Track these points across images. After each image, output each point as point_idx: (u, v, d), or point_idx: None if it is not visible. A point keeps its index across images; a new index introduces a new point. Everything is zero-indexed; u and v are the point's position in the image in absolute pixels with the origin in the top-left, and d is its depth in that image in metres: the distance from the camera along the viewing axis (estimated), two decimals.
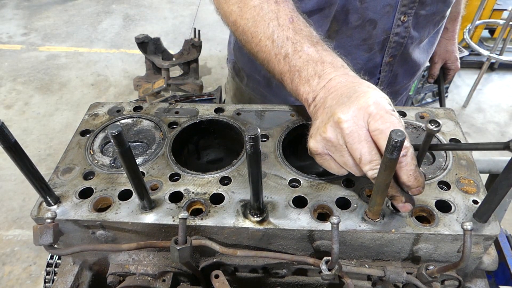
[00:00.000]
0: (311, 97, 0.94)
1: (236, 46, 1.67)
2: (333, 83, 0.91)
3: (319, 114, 0.90)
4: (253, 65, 1.62)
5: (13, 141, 0.77)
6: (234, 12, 1.08)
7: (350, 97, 0.82)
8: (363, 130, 0.78)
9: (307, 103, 0.96)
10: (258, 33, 1.03)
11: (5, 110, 4.73)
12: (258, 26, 1.03)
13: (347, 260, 0.94)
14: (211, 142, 1.27)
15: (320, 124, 0.86)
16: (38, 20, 6.65)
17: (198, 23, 6.32)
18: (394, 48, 1.40)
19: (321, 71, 0.94)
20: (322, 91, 0.91)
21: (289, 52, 0.98)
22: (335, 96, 0.87)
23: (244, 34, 1.08)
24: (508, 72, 5.33)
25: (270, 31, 1.01)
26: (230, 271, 0.99)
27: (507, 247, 1.14)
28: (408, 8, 1.29)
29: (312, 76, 0.94)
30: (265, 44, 1.02)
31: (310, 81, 0.94)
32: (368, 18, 1.29)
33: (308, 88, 0.94)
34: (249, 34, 1.06)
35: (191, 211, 0.92)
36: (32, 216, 0.92)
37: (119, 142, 0.72)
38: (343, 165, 0.85)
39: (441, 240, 0.86)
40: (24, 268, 3.14)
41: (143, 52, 4.60)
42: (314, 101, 0.93)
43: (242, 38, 1.10)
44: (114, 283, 0.98)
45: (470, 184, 0.94)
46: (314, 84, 0.93)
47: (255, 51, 1.07)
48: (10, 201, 3.64)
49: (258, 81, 1.65)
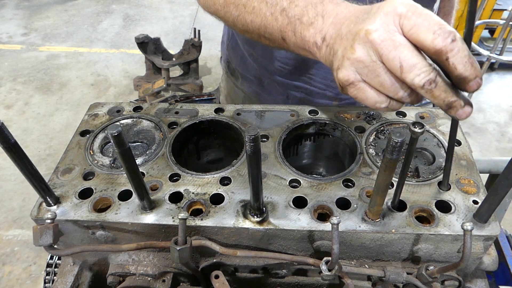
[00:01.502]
0: (319, 38, 0.86)
1: (230, 46, 1.68)
2: (340, 16, 0.83)
3: (337, 46, 0.80)
4: (245, 66, 1.63)
5: (13, 141, 0.77)
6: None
7: (369, 12, 0.74)
8: (396, 35, 0.68)
9: (317, 47, 0.87)
10: (250, 1, 1.01)
11: (5, 110, 4.73)
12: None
13: (347, 260, 0.94)
14: (211, 142, 1.27)
15: (345, 51, 0.76)
16: (38, 20, 6.65)
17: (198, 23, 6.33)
18: None
19: (322, 10, 0.87)
20: (331, 27, 0.84)
21: (285, 6, 0.93)
22: (350, 22, 0.78)
23: (236, 8, 1.05)
24: (508, 72, 5.33)
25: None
26: (230, 272, 0.99)
27: (507, 247, 1.14)
28: None
29: (315, 17, 0.87)
30: (259, 8, 0.99)
31: (314, 23, 0.87)
32: None
33: (313, 30, 0.87)
34: (241, 6, 1.03)
35: (191, 211, 0.92)
36: (32, 217, 0.91)
37: (119, 142, 0.72)
38: (381, 88, 0.74)
39: (441, 241, 0.86)
40: (24, 268, 3.14)
41: (143, 52, 4.60)
42: (325, 40, 0.85)
43: (234, 15, 1.07)
44: (114, 283, 0.98)
45: (470, 184, 0.94)
46: (319, 24, 0.86)
47: (249, 21, 1.03)
48: (10, 201, 3.64)
49: (251, 80, 1.66)
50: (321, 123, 1.15)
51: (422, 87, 0.67)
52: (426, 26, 0.65)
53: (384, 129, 1.11)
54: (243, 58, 1.61)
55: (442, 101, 0.68)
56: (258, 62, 1.55)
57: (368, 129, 1.10)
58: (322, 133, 1.18)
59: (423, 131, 0.67)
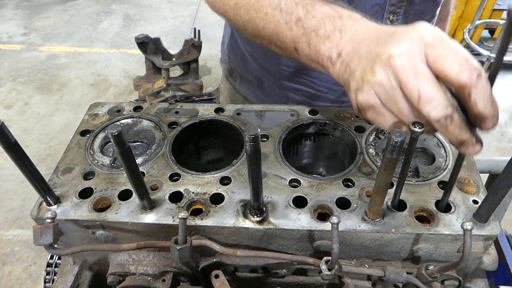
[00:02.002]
0: (335, 53, 0.83)
1: (229, 47, 1.67)
2: (360, 33, 0.81)
3: (354, 66, 0.78)
4: (245, 66, 1.62)
5: (13, 141, 0.77)
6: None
7: (393, 34, 0.72)
8: (419, 64, 0.67)
9: (331, 61, 0.85)
10: (263, 6, 0.97)
11: (5, 110, 4.73)
12: (263, 0, 0.97)
13: (347, 260, 0.94)
14: (211, 142, 1.27)
15: (364, 73, 0.74)
16: (38, 20, 6.65)
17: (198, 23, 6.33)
18: None
19: (340, 25, 0.84)
20: (349, 44, 0.81)
21: (300, 16, 0.90)
22: (370, 42, 0.76)
23: (247, 13, 1.02)
24: (508, 72, 5.33)
25: (277, 1, 0.94)
26: (230, 271, 0.99)
27: (507, 247, 1.14)
28: (396, 7, 1.27)
29: (332, 31, 0.84)
30: (272, 15, 0.95)
31: (330, 37, 0.84)
32: None
33: (330, 44, 0.84)
34: (252, 11, 0.99)
35: (191, 211, 0.92)
36: (32, 216, 0.92)
37: (119, 142, 0.72)
38: (399, 114, 0.73)
39: (441, 240, 0.86)
40: (24, 268, 3.14)
41: (143, 52, 4.60)
42: (340, 56, 0.82)
43: (244, 19, 1.03)
44: (114, 283, 0.98)
45: (470, 184, 0.94)
46: (336, 38, 0.83)
47: (261, 26, 0.99)
48: (10, 201, 3.64)
49: (250, 81, 1.65)
50: (321, 123, 1.15)
51: (438, 121, 0.67)
52: (452, 58, 0.64)
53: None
54: (243, 58, 1.61)
55: (455, 137, 0.68)
56: (259, 63, 1.54)
57: (368, 129, 1.10)
58: (322, 133, 1.18)
59: (423, 131, 0.67)
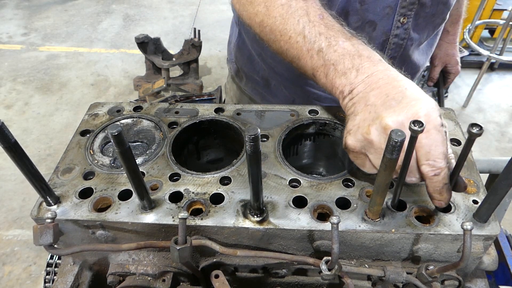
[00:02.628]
0: (347, 90, 0.91)
1: (236, 46, 1.67)
2: (374, 78, 0.87)
3: (359, 109, 0.87)
4: (252, 66, 1.62)
5: (13, 141, 0.77)
6: (260, 13, 1.06)
7: (399, 102, 0.81)
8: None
9: (342, 96, 0.92)
10: (287, 30, 1.00)
11: (5, 110, 4.73)
12: (288, 23, 1.00)
13: (347, 260, 0.94)
14: (211, 142, 1.27)
15: (363, 123, 0.85)
16: (38, 20, 6.65)
17: (198, 23, 6.33)
18: (393, 50, 1.39)
19: (358, 64, 0.90)
20: (361, 85, 0.88)
21: (323, 47, 0.95)
22: (380, 95, 0.84)
23: (272, 33, 1.05)
24: (508, 72, 5.33)
25: (301, 27, 0.99)
26: (230, 271, 0.99)
27: (507, 247, 1.14)
28: (407, 9, 1.28)
29: (350, 69, 0.91)
30: (296, 40, 0.99)
31: (347, 74, 0.91)
32: (367, 20, 1.29)
33: (345, 80, 0.91)
34: (277, 32, 1.03)
35: (191, 211, 0.92)
36: (32, 216, 0.92)
37: (119, 142, 0.72)
38: (377, 166, 0.85)
39: (441, 240, 0.86)
40: (24, 268, 3.13)
41: (143, 52, 4.60)
42: (351, 93, 0.90)
43: (269, 38, 1.07)
44: (114, 283, 0.98)
45: (470, 184, 0.94)
46: (352, 77, 0.90)
47: (284, 49, 1.04)
48: (10, 201, 3.64)
49: (256, 81, 1.64)
50: (321, 123, 1.15)
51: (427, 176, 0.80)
52: (427, 151, 0.78)
53: None
54: (251, 58, 1.60)
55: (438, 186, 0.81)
56: (266, 63, 1.54)
57: None
58: (322, 133, 1.18)
59: (423, 130, 0.67)
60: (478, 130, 0.70)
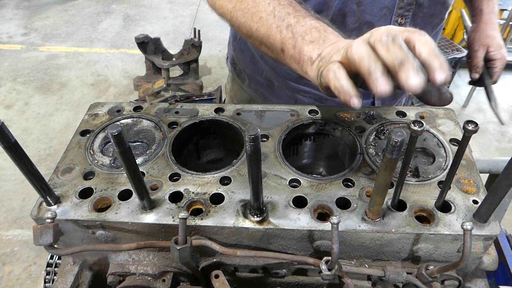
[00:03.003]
0: (316, 54, 0.93)
1: (238, 48, 1.67)
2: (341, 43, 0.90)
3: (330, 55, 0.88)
4: (255, 67, 1.62)
5: (13, 141, 0.77)
6: (233, 0, 1.13)
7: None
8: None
9: (311, 61, 0.94)
10: (259, 11, 1.07)
11: (5, 110, 4.73)
12: (259, 6, 1.07)
13: (347, 260, 0.94)
14: (211, 142, 1.27)
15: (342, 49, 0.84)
16: (38, 20, 6.65)
17: (198, 23, 6.33)
18: None
19: (325, 37, 0.95)
20: (330, 47, 0.91)
21: (291, 23, 1.00)
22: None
23: (243, 16, 1.11)
24: (508, 72, 5.32)
25: (271, 8, 1.05)
26: (230, 271, 0.99)
27: (507, 247, 1.14)
28: (405, 10, 1.28)
29: (317, 38, 0.95)
30: (266, 19, 1.05)
31: (314, 42, 0.95)
32: (365, 21, 1.29)
33: (312, 46, 0.94)
34: (249, 15, 1.09)
35: (191, 211, 0.92)
36: (32, 216, 0.92)
37: (119, 142, 0.72)
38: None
39: (441, 240, 0.86)
40: (24, 268, 3.13)
41: (143, 52, 4.60)
42: (320, 56, 0.92)
43: (240, 21, 1.13)
44: (114, 283, 0.98)
45: (470, 184, 0.94)
46: (319, 43, 0.94)
47: (254, 29, 1.09)
48: (10, 201, 3.64)
49: (260, 82, 1.65)
50: (321, 123, 1.15)
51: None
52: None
53: (384, 129, 1.11)
54: (253, 59, 1.60)
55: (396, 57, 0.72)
56: (268, 64, 1.54)
57: (368, 129, 1.10)
58: (322, 133, 1.18)
59: (423, 130, 0.68)
60: (473, 127, 0.70)
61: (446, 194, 0.86)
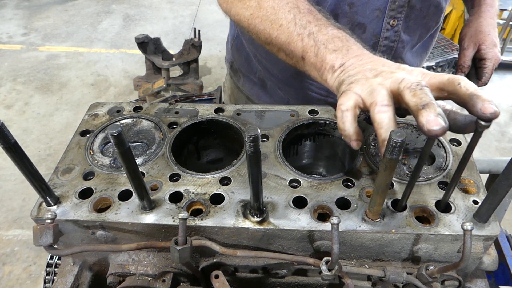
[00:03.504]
0: (338, 63, 0.92)
1: (234, 46, 1.68)
2: (365, 57, 0.90)
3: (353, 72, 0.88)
4: (249, 66, 1.63)
5: (13, 141, 0.77)
6: (251, 7, 1.11)
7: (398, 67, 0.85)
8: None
9: (333, 70, 0.93)
10: (278, 19, 1.05)
11: (5, 110, 4.73)
12: (279, 13, 1.05)
13: (347, 260, 0.94)
14: (211, 142, 1.27)
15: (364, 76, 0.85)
16: (38, 20, 6.65)
17: (198, 23, 6.33)
18: (384, 52, 1.38)
19: (348, 46, 0.94)
20: (354, 59, 0.90)
21: (313, 31, 0.99)
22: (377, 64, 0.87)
23: (261, 23, 1.09)
24: (508, 72, 5.32)
25: (292, 16, 1.03)
26: (230, 272, 0.99)
27: (507, 247, 1.14)
28: (397, 12, 1.27)
29: (340, 47, 0.94)
30: (287, 27, 1.03)
31: (338, 51, 0.94)
32: (357, 22, 1.29)
33: (336, 55, 0.93)
34: (268, 22, 1.07)
35: (191, 211, 0.92)
36: (32, 217, 0.91)
37: (119, 142, 0.72)
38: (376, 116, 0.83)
39: (441, 241, 0.86)
40: (24, 268, 3.13)
41: (143, 52, 4.60)
42: (343, 66, 0.91)
43: (258, 29, 1.10)
44: (114, 283, 0.98)
45: (470, 184, 0.94)
46: (343, 52, 0.93)
47: (274, 36, 1.06)
48: (10, 201, 3.64)
49: (253, 82, 1.66)
50: (321, 123, 1.15)
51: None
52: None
53: None
54: (248, 58, 1.61)
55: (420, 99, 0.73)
56: (262, 64, 1.55)
57: (368, 129, 1.10)
58: (322, 133, 1.18)
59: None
60: (486, 122, 0.69)
61: (451, 193, 0.86)
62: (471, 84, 0.73)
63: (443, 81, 0.76)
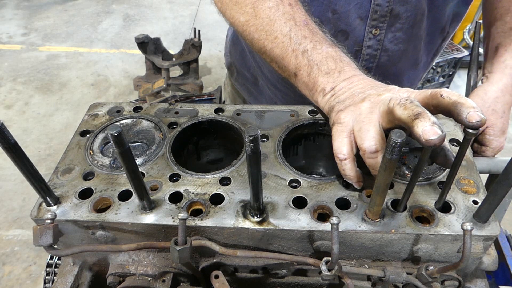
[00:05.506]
0: (329, 87, 0.95)
1: (231, 41, 1.68)
2: (356, 79, 0.92)
3: (344, 97, 0.92)
4: (244, 61, 1.63)
5: (13, 141, 0.77)
6: (247, 13, 1.09)
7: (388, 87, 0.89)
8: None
9: (323, 93, 0.96)
10: (274, 31, 1.04)
11: (5, 110, 4.73)
12: (275, 25, 1.04)
13: (347, 260, 0.94)
14: (211, 143, 1.27)
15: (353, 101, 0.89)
16: (38, 20, 6.65)
17: (198, 23, 6.33)
18: (367, 61, 1.37)
19: (341, 68, 0.95)
20: (344, 83, 0.93)
21: (307, 49, 0.99)
22: (365, 86, 0.90)
23: (256, 32, 1.08)
24: None
25: (288, 29, 1.02)
26: (230, 272, 0.99)
27: (507, 247, 1.13)
28: (379, 22, 1.26)
29: (333, 70, 0.96)
30: (282, 40, 1.02)
31: (330, 74, 0.95)
32: (340, 29, 1.29)
33: (328, 78, 0.95)
34: (263, 32, 1.06)
35: (191, 211, 0.92)
36: (32, 217, 0.91)
37: (119, 142, 0.72)
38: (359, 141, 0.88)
39: (441, 241, 0.86)
40: (24, 268, 3.14)
41: (143, 52, 4.60)
42: (333, 90, 0.94)
43: (253, 36, 1.09)
44: (114, 283, 0.98)
45: (470, 184, 0.94)
46: (334, 76, 0.95)
47: (268, 48, 1.06)
48: (10, 201, 3.64)
49: (246, 77, 1.66)
50: (321, 123, 1.15)
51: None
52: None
53: None
54: (243, 53, 1.62)
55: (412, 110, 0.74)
56: (255, 61, 1.56)
57: None
58: (322, 133, 1.18)
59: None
60: (473, 130, 0.70)
61: (446, 195, 0.86)
62: (453, 93, 0.75)
63: (426, 96, 0.79)
